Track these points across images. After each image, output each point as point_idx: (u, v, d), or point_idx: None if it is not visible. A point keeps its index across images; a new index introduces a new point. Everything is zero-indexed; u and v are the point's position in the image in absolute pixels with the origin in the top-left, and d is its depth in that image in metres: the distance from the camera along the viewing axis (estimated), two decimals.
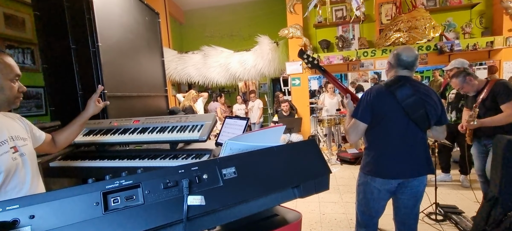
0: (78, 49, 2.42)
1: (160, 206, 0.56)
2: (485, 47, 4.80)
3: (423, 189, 1.65)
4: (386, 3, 5.28)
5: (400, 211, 1.70)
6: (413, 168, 1.56)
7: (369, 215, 1.70)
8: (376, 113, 1.55)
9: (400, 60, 1.60)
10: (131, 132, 1.94)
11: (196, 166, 0.63)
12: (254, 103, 6.11)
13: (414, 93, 1.53)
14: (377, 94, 1.57)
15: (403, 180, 1.58)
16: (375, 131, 1.60)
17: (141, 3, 3.07)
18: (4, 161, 0.99)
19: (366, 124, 1.58)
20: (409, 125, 1.55)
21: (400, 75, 1.61)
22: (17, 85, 1.08)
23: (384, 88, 1.58)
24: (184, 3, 7.33)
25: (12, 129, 1.10)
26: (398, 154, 1.56)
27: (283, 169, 0.73)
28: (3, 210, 0.47)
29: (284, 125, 0.97)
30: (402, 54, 1.59)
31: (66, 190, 0.53)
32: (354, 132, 1.60)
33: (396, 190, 1.62)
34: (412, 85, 1.55)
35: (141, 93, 2.95)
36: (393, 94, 1.53)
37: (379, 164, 1.60)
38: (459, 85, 2.39)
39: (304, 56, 1.93)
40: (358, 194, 1.75)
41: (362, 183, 1.71)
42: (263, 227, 0.84)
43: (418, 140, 1.58)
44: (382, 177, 1.59)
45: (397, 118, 1.54)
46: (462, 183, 3.46)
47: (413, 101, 1.52)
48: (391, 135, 1.56)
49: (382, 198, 1.63)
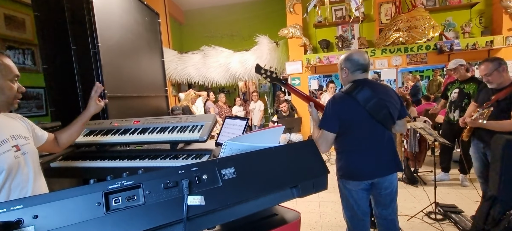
0: (78, 50, 2.43)
1: (161, 206, 0.57)
2: (484, 47, 4.80)
3: (396, 186, 1.70)
4: (385, 2, 5.29)
5: (377, 208, 1.75)
6: (382, 167, 1.61)
7: (357, 218, 1.72)
8: (343, 121, 1.58)
9: (357, 64, 1.62)
10: (131, 132, 1.95)
11: (196, 166, 0.64)
12: (255, 105, 6.11)
13: (374, 95, 1.56)
14: (340, 102, 1.60)
15: (375, 180, 1.62)
16: (344, 136, 1.62)
17: (141, 4, 3.08)
18: (6, 159, 1.01)
19: (334, 133, 1.59)
20: (376, 126, 1.58)
21: (358, 80, 1.63)
22: (16, 86, 1.10)
23: (345, 95, 1.60)
24: (184, 3, 7.33)
25: (13, 128, 1.12)
26: (367, 155, 1.60)
27: (281, 169, 0.74)
28: (7, 210, 0.48)
29: (283, 125, 0.98)
30: (358, 58, 1.62)
31: (68, 190, 0.54)
32: (324, 143, 1.61)
33: (371, 189, 1.68)
34: (371, 87, 1.58)
35: (141, 94, 2.96)
36: (355, 99, 1.56)
37: (350, 167, 1.65)
38: (489, 71, 2.21)
39: (262, 71, 1.88)
40: (342, 201, 1.78)
41: (340, 188, 1.75)
42: (262, 226, 0.85)
43: (385, 140, 1.62)
44: (353, 179, 1.64)
45: (363, 122, 1.58)
46: (462, 182, 3.47)
47: (375, 103, 1.55)
48: (359, 138, 1.60)
49: (360, 197, 1.67)
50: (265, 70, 1.88)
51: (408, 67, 5.29)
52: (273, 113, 6.35)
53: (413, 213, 2.71)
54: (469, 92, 3.17)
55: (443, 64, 5.17)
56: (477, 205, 2.05)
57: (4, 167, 0.99)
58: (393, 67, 5.29)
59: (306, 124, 5.69)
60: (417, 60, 5.20)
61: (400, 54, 5.19)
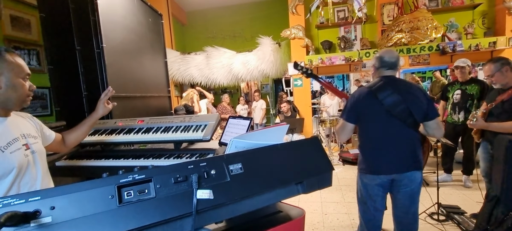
0: (83, 50, 2.45)
1: (171, 199, 0.59)
2: (487, 48, 4.79)
3: (417, 188, 1.68)
4: (388, 3, 5.29)
5: (397, 210, 1.76)
6: (398, 163, 1.63)
7: (368, 214, 1.75)
8: (361, 114, 1.68)
9: (384, 61, 1.71)
10: (135, 131, 1.97)
11: (205, 161, 0.65)
12: (257, 104, 6.13)
13: (394, 91, 1.61)
14: (359, 96, 1.70)
15: (394, 177, 1.65)
16: (362, 130, 1.74)
17: (145, 5, 3.10)
18: (17, 157, 1.03)
19: (352, 124, 1.72)
20: (392, 121, 1.61)
21: (382, 76, 1.71)
22: (27, 84, 1.12)
23: (366, 89, 1.70)
24: (186, 4, 7.37)
25: (23, 127, 1.14)
26: (383, 150, 1.65)
27: (287, 166, 0.75)
28: (25, 201, 0.50)
29: (287, 124, 1.00)
30: (385, 56, 1.71)
31: (83, 183, 0.55)
32: (343, 132, 1.76)
33: (391, 187, 1.69)
34: (392, 84, 1.64)
35: (144, 94, 2.98)
36: (374, 94, 1.64)
37: (368, 160, 1.72)
38: (492, 72, 2.21)
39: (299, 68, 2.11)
40: (357, 193, 1.87)
41: (358, 182, 1.83)
42: (267, 223, 0.86)
43: (402, 136, 1.63)
44: (370, 173, 1.70)
45: (379, 116, 1.64)
46: (465, 183, 3.46)
47: (393, 98, 1.60)
48: (375, 132, 1.67)
49: (375, 193, 1.70)
50: (302, 66, 2.15)
51: (410, 68, 5.30)
52: (275, 114, 6.36)
53: None
54: (472, 93, 3.17)
55: (446, 65, 5.17)
56: (480, 206, 2.06)
57: (15, 165, 1.02)
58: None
59: (308, 125, 5.70)
60: (420, 62, 5.20)
61: (403, 55, 5.19)
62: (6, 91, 1.04)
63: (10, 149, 1.02)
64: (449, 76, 5.24)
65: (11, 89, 1.05)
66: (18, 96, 1.08)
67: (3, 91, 1.03)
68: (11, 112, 1.13)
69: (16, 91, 1.07)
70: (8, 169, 1.00)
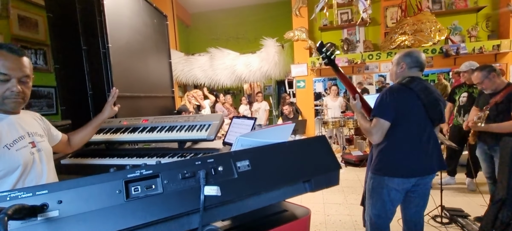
0: (89, 50, 2.47)
1: (178, 195, 0.58)
2: (491, 51, 4.77)
3: (430, 187, 1.69)
4: (391, 6, 5.29)
5: (410, 211, 1.71)
6: (429, 165, 1.60)
7: (385, 217, 1.69)
8: (399, 111, 1.56)
9: (417, 61, 1.65)
10: (140, 130, 1.98)
11: (212, 158, 0.65)
12: (260, 105, 6.14)
13: (431, 92, 1.58)
14: (399, 92, 1.59)
15: (419, 178, 1.60)
16: (396, 129, 1.58)
17: (150, 6, 3.13)
18: (23, 155, 1.04)
19: (389, 122, 1.56)
20: (427, 122, 1.59)
21: (414, 76, 1.64)
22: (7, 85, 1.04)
23: (404, 87, 1.60)
24: (191, 6, 7.41)
25: (30, 125, 1.15)
26: (417, 152, 1.58)
27: (294, 164, 0.75)
28: (33, 195, 0.51)
29: (293, 123, 1.00)
30: (419, 56, 1.65)
31: (91, 177, 0.56)
32: (379, 131, 1.57)
33: (410, 188, 1.64)
34: (426, 85, 1.61)
35: (149, 94, 2.99)
36: (414, 91, 1.56)
37: (398, 163, 1.59)
38: (480, 80, 2.33)
39: (324, 50, 1.81)
40: (372, 197, 1.71)
41: (377, 186, 1.67)
42: (273, 222, 0.86)
43: (432, 137, 1.61)
44: (401, 176, 1.58)
45: (418, 116, 1.58)
46: (468, 186, 3.43)
47: (432, 99, 1.57)
48: (412, 132, 1.58)
49: (397, 198, 1.64)
50: (327, 49, 1.83)
51: None
52: (278, 116, 6.36)
53: None
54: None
55: (449, 68, 5.14)
56: (484, 210, 2.04)
57: (20, 162, 1.02)
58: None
59: (310, 126, 5.70)
60: None
61: None
62: None
63: (16, 147, 1.03)
64: (451, 79, 5.21)
65: None
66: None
67: None
68: (20, 110, 1.13)
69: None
70: (14, 167, 1.00)
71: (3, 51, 1.02)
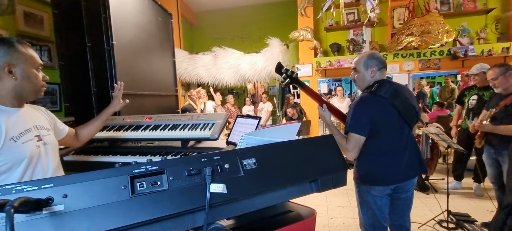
0: (93, 47, 2.48)
1: (184, 192, 0.57)
2: (500, 53, 4.69)
3: (413, 190, 1.66)
4: (398, 7, 5.24)
5: (395, 215, 1.68)
6: (410, 169, 1.56)
7: (379, 226, 1.65)
8: (375, 122, 1.49)
9: (383, 61, 1.60)
10: (143, 128, 1.97)
11: (218, 155, 0.64)
12: (264, 106, 6.11)
13: (402, 94, 1.52)
14: (371, 102, 1.52)
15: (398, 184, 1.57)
16: (373, 139, 1.52)
17: (155, 4, 3.12)
18: (29, 147, 1.04)
19: (365, 136, 1.49)
20: (404, 126, 1.55)
21: (382, 80, 1.59)
22: (41, 74, 1.13)
23: (375, 96, 1.53)
24: (196, 4, 7.42)
25: (36, 119, 1.16)
26: (397, 158, 1.54)
27: (301, 163, 0.73)
28: (38, 188, 0.50)
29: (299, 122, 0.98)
30: (380, 55, 1.61)
31: (96, 172, 0.55)
32: (355, 148, 1.50)
33: (392, 193, 1.61)
34: (396, 87, 1.54)
35: (152, 92, 2.99)
36: (385, 99, 1.50)
37: (379, 171, 1.55)
38: (496, 75, 2.30)
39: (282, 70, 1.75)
40: (361, 208, 1.69)
41: (361, 195, 1.66)
42: (278, 222, 0.84)
43: (411, 141, 1.58)
44: (381, 184, 1.55)
45: (394, 122, 1.52)
46: (475, 191, 3.38)
47: (405, 103, 1.51)
48: (389, 140, 1.53)
49: (384, 204, 1.61)
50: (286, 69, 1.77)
51: (420, 73, 5.22)
52: (282, 116, 6.34)
53: (424, 221, 2.65)
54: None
55: (457, 71, 5.08)
56: (492, 215, 2.00)
57: (26, 155, 1.02)
58: (405, 72, 5.22)
59: (315, 127, 5.66)
60: (430, 66, 5.12)
61: (413, 59, 5.12)
62: (22, 82, 1.05)
63: (22, 139, 1.03)
64: (459, 82, 5.15)
65: (26, 80, 1.06)
66: (33, 86, 1.09)
67: (18, 82, 1.04)
68: (24, 104, 1.14)
69: (30, 82, 1.08)
70: (19, 159, 1.01)
71: (27, 45, 1.08)
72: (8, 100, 1.05)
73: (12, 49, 1.02)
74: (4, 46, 1.01)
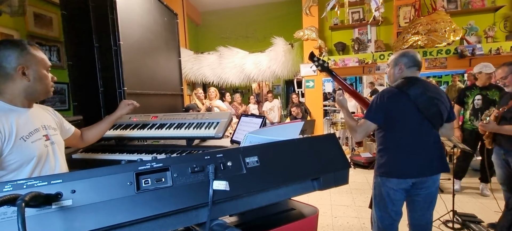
0: (101, 47, 2.52)
1: (187, 189, 0.59)
2: (509, 52, 4.61)
3: (437, 190, 1.66)
4: (404, 5, 5.18)
5: (415, 214, 1.70)
6: (428, 166, 1.58)
7: (389, 218, 1.68)
8: (390, 115, 1.59)
9: (414, 60, 1.66)
10: (149, 127, 2.00)
11: (221, 153, 0.66)
12: (273, 104, 6.11)
13: (426, 92, 1.57)
14: (390, 96, 1.61)
15: (417, 179, 1.59)
16: (390, 132, 1.63)
17: (161, 4, 3.16)
18: (38, 147, 1.07)
19: (376, 124, 1.63)
20: (423, 123, 1.58)
21: (410, 76, 1.65)
22: (50, 75, 1.17)
23: (396, 90, 1.62)
24: (201, 4, 7.46)
25: (44, 118, 1.19)
26: (413, 153, 1.58)
27: (303, 161, 0.74)
28: (48, 183, 0.52)
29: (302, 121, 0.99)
30: (415, 55, 1.67)
31: (103, 168, 0.57)
32: (363, 131, 1.66)
33: (410, 190, 1.63)
34: (423, 85, 1.60)
35: (158, 92, 3.03)
36: (406, 94, 1.57)
37: (394, 164, 1.62)
38: (505, 74, 2.28)
39: (315, 59, 2.00)
40: (375, 198, 1.75)
41: (377, 186, 1.71)
42: (280, 220, 0.85)
43: (432, 138, 1.60)
44: (397, 176, 1.61)
45: (411, 117, 1.58)
46: (482, 192, 3.34)
47: (427, 100, 1.56)
48: (405, 134, 1.59)
49: (398, 198, 1.64)
50: (318, 58, 2.03)
51: (426, 72, 5.16)
52: (286, 115, 6.34)
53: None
54: (494, 99, 3.07)
55: (464, 70, 5.00)
56: (499, 216, 1.98)
57: (35, 154, 1.05)
58: None
59: (319, 127, 5.65)
60: (436, 65, 5.05)
61: None
62: (34, 83, 1.09)
63: (31, 139, 1.06)
64: (466, 81, 5.07)
65: (38, 81, 1.10)
66: (44, 87, 1.13)
67: (31, 84, 1.08)
68: (33, 104, 1.17)
69: (42, 83, 1.12)
70: (29, 158, 1.04)
71: (37, 47, 1.12)
72: (19, 101, 1.08)
73: (25, 51, 1.05)
74: (18, 48, 1.04)
